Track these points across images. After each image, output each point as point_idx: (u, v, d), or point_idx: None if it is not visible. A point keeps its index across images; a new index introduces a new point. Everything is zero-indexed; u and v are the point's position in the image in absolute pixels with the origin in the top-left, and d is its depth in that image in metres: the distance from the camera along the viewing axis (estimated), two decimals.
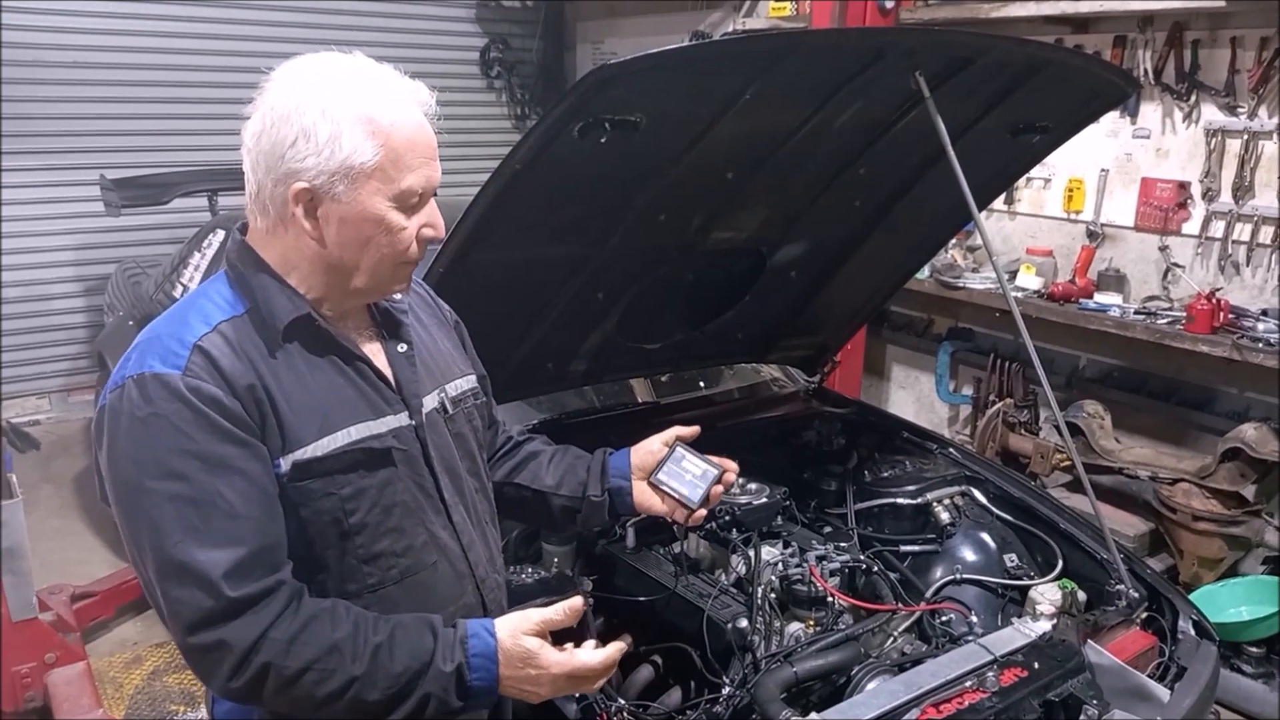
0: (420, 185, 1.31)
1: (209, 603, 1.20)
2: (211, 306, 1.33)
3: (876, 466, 2.77)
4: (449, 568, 1.44)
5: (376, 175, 1.27)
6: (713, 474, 1.67)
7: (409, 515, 1.39)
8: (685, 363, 2.98)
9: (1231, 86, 3.71)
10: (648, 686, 2.09)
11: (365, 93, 1.27)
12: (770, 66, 1.83)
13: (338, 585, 1.34)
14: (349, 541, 1.33)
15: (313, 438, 1.30)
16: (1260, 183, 3.70)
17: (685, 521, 1.69)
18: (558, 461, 1.76)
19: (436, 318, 1.63)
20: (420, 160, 1.30)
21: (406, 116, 1.29)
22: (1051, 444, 3.97)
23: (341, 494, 1.32)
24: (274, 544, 1.26)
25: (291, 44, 6.58)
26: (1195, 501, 3.51)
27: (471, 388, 1.60)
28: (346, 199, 1.27)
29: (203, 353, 1.26)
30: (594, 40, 7.08)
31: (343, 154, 1.25)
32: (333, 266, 1.33)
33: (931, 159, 2.27)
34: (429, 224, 1.34)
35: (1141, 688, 1.94)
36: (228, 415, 1.24)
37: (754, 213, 2.39)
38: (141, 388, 1.24)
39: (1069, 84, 2.31)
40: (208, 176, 5.04)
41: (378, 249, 1.31)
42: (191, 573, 1.20)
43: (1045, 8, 4.01)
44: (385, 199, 1.29)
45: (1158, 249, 4.02)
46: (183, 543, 1.21)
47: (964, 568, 2.46)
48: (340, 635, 1.25)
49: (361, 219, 1.29)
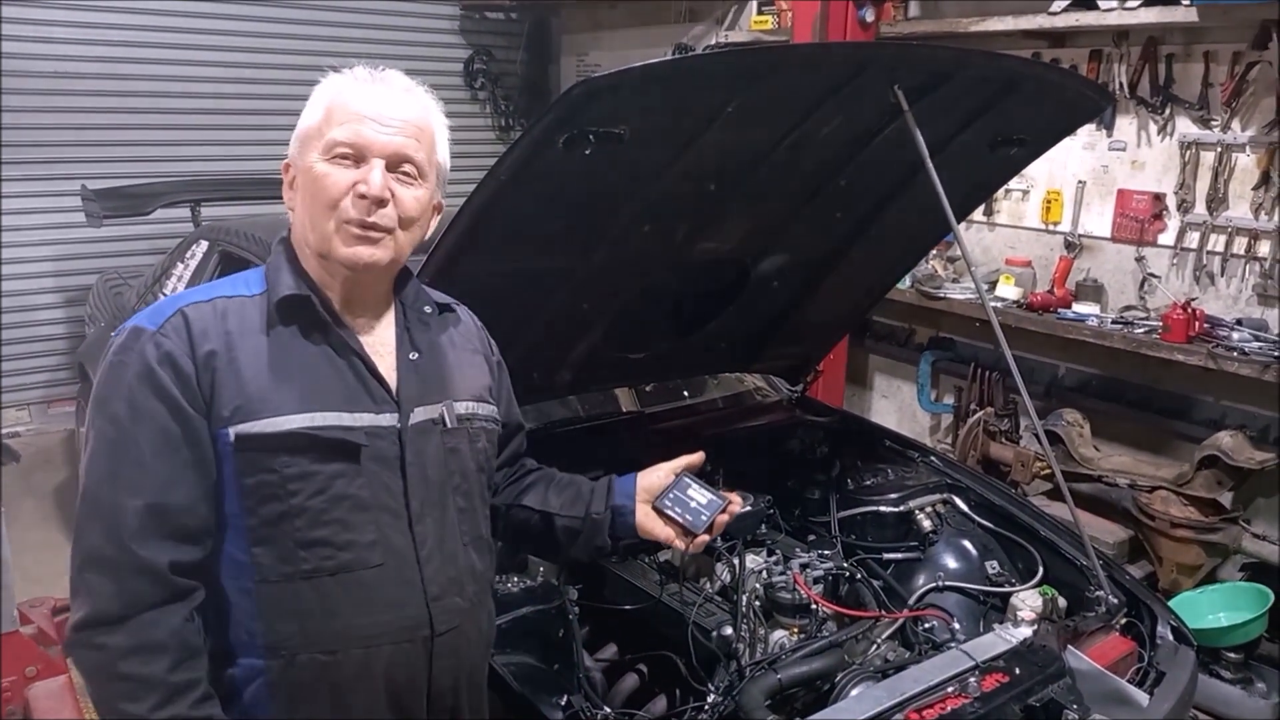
0: (345, 137, 1.36)
1: (97, 545, 1.29)
2: (229, 286, 1.44)
3: (859, 475, 2.80)
4: (394, 574, 1.41)
5: (314, 134, 1.38)
6: (718, 504, 1.67)
7: (360, 512, 1.38)
8: (670, 372, 3.00)
9: (1205, 100, 3.77)
10: (633, 694, 2.10)
11: (344, 78, 1.40)
12: (754, 80, 1.85)
13: (276, 564, 1.36)
14: (288, 523, 1.35)
15: (265, 414, 1.33)
16: (1234, 194, 3.76)
17: (686, 549, 1.68)
18: (564, 485, 1.76)
19: (474, 346, 1.64)
20: (351, 118, 1.36)
21: (358, 88, 1.39)
22: (1032, 452, 4.00)
23: (284, 473, 1.34)
24: (169, 505, 1.30)
25: (275, 54, 6.57)
26: (1173, 509, 3.55)
27: (486, 414, 1.59)
28: (300, 162, 1.40)
29: (183, 316, 1.35)
30: (578, 53, 7.11)
31: (301, 122, 1.40)
32: (300, 233, 1.43)
33: (912, 172, 2.29)
34: (360, 180, 1.36)
35: (1121, 692, 1.96)
36: (179, 375, 1.32)
37: (737, 224, 2.41)
38: (123, 336, 1.36)
39: (1046, 98, 2.35)
40: (190, 187, 5.02)
41: (311, 199, 1.38)
42: (93, 508, 1.31)
43: (1023, 22, 4.06)
44: (317, 153, 1.37)
45: (1134, 259, 4.07)
46: (99, 479, 1.31)
47: (946, 575, 2.49)
48: (174, 679, 1.27)
49: (303, 175, 1.39)
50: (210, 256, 3.90)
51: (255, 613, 1.35)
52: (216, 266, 3.80)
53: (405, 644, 1.43)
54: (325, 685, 1.38)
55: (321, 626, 1.37)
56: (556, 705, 1.84)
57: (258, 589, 1.35)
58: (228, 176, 5.44)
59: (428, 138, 1.43)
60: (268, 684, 1.37)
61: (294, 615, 1.36)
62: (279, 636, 1.36)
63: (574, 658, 2.03)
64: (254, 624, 1.36)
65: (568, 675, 2.00)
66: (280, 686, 1.37)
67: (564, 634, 2.06)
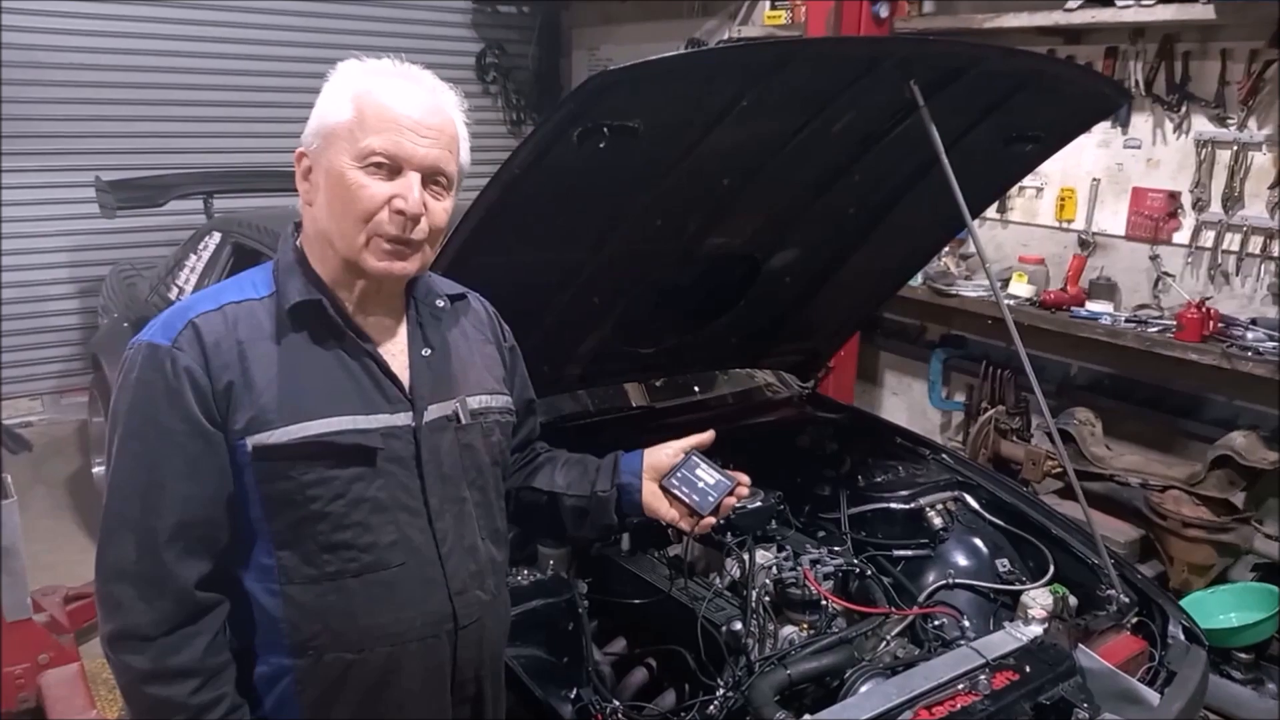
0: (383, 147, 1.32)
1: (128, 559, 1.31)
2: (235, 289, 1.41)
3: (869, 471, 2.79)
4: (416, 572, 1.43)
5: (345, 134, 1.33)
6: (726, 485, 1.62)
7: (380, 513, 1.39)
8: (680, 367, 3.00)
9: (1221, 98, 3.74)
10: (642, 688, 2.11)
11: (368, 70, 1.36)
12: (768, 74, 1.84)
13: (300, 566, 1.36)
14: (310, 527, 1.35)
15: (281, 423, 1.33)
16: (1249, 193, 3.73)
17: (692, 530, 1.66)
18: (572, 464, 1.75)
19: (486, 335, 1.63)
20: (388, 126, 1.32)
21: (391, 87, 1.35)
22: (1043, 451, 3.99)
23: (302, 480, 1.34)
24: (194, 523, 1.32)
25: (288, 47, 6.58)
26: (1185, 508, 3.53)
27: (500, 406, 1.58)
28: (320, 156, 1.35)
29: (194, 328, 1.34)
30: (589, 47, 7.10)
31: (323, 113, 1.35)
32: (321, 233, 1.39)
33: (925, 167, 2.29)
34: (399, 195, 1.33)
35: (1131, 691, 1.96)
36: (196, 389, 1.31)
37: (749, 219, 2.40)
38: (139, 353, 1.35)
39: (1061, 94, 2.34)
40: (204, 179, 5.03)
41: (342, 208, 1.34)
42: (121, 523, 1.32)
43: (1038, 19, 4.03)
44: (349, 157, 1.33)
45: (1148, 258, 4.05)
46: (126, 496, 1.32)
47: (956, 572, 2.48)
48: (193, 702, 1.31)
49: (329, 176, 1.35)
50: (223, 248, 3.91)
51: (282, 614, 1.36)
52: (229, 258, 3.82)
53: (430, 639, 1.45)
54: (353, 683, 1.40)
55: (348, 626, 1.39)
56: (565, 699, 1.84)
57: (284, 591, 1.36)
58: (241, 168, 5.46)
59: (457, 145, 1.41)
60: (295, 682, 1.38)
61: (321, 616, 1.37)
62: (306, 636, 1.37)
63: (583, 651, 2.04)
64: (281, 624, 1.37)
65: (577, 669, 2.00)
66: (308, 685, 1.39)
67: (573, 627, 2.07)
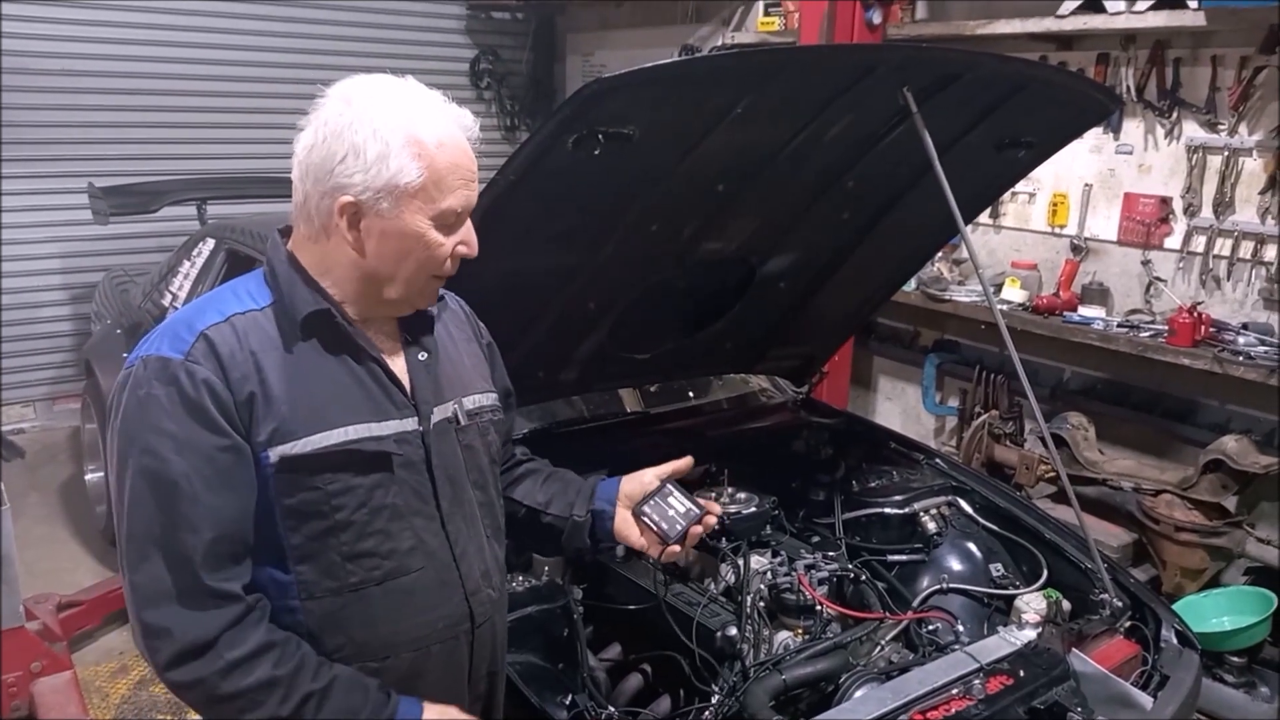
0: (459, 205, 1.36)
1: (167, 584, 1.26)
2: (233, 299, 1.39)
3: (864, 477, 2.79)
4: (434, 575, 1.45)
5: (419, 195, 1.32)
6: (695, 514, 1.66)
7: (397, 519, 1.40)
8: (675, 372, 3.00)
9: (1212, 104, 3.77)
10: (637, 694, 2.11)
11: (415, 116, 1.32)
12: (763, 81, 1.85)
13: (320, 579, 1.36)
14: (333, 538, 1.35)
15: (304, 433, 1.33)
16: (1240, 198, 3.75)
17: (658, 557, 1.69)
18: (552, 481, 1.78)
19: (467, 334, 1.66)
20: (460, 182, 1.35)
21: (451, 141, 1.34)
22: (1036, 455, 4.00)
23: (328, 489, 1.34)
24: (229, 535, 1.29)
25: (281, 53, 6.60)
26: (1178, 513, 3.54)
27: (491, 404, 1.61)
28: (389, 215, 1.33)
29: (207, 340, 1.32)
30: (584, 53, 7.11)
31: (389, 173, 1.30)
32: (368, 276, 1.38)
33: (918, 173, 2.29)
34: (464, 241, 1.39)
35: (1125, 695, 1.97)
36: (218, 401, 1.29)
37: (744, 224, 2.41)
38: (147, 368, 1.31)
39: (1053, 100, 2.35)
40: (197, 185, 5.04)
41: (415, 263, 1.37)
42: (149, 550, 1.27)
43: (1030, 25, 4.06)
44: (426, 218, 1.34)
45: (1140, 263, 4.07)
46: (151, 518, 1.27)
47: (950, 577, 2.48)
48: (281, 673, 1.29)
49: (402, 235, 1.34)
50: (217, 254, 3.91)
51: (303, 628, 1.36)
52: (223, 264, 3.81)
53: (450, 641, 1.47)
54: None
55: (371, 635, 1.39)
56: (561, 704, 1.84)
57: (304, 606, 1.36)
58: (234, 175, 5.46)
59: None
60: None
61: (343, 627, 1.38)
62: (328, 649, 1.37)
63: (578, 657, 2.04)
64: (302, 638, 1.36)
65: (572, 675, 2.00)
66: None
67: (568, 633, 2.07)
